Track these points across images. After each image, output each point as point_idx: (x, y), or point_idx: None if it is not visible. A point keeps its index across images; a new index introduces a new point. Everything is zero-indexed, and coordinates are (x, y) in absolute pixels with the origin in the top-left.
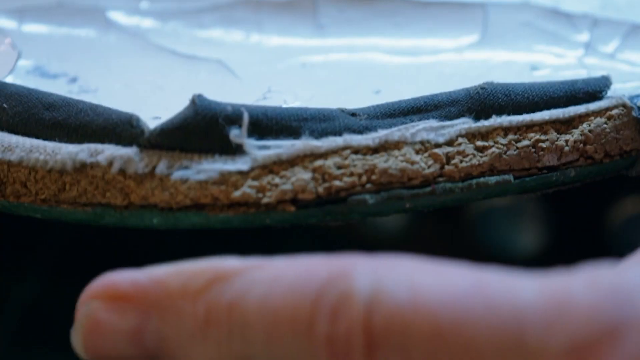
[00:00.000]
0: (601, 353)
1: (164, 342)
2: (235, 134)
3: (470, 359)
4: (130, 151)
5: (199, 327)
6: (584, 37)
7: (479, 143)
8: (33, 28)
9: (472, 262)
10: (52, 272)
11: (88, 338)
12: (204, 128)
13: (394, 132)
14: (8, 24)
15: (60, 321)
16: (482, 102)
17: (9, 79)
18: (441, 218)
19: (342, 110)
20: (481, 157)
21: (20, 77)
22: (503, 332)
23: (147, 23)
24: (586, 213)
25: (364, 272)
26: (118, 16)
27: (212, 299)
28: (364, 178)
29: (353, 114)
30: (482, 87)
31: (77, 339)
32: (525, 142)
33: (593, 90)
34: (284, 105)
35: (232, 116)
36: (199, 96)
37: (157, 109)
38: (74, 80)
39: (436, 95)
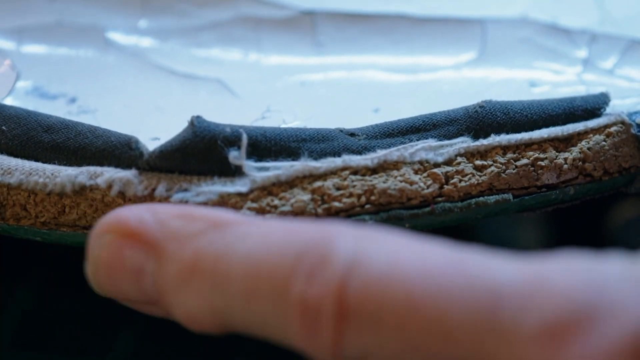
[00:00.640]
0: (574, 336)
1: (157, 285)
2: (235, 156)
3: (442, 335)
4: (129, 174)
5: (185, 275)
6: (582, 53)
7: (478, 162)
8: (32, 48)
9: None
10: (47, 284)
11: (101, 271)
12: (202, 150)
13: (393, 152)
14: (7, 44)
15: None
16: (481, 120)
17: (8, 100)
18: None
19: (341, 130)
20: (480, 176)
21: (20, 98)
22: (477, 309)
23: (145, 42)
24: (584, 217)
25: (346, 240)
26: (117, 36)
27: (201, 247)
28: (363, 199)
29: (352, 134)
30: (481, 106)
31: (91, 271)
32: (524, 161)
33: (592, 107)
34: (283, 125)
35: (231, 138)
36: (198, 117)
37: (156, 129)
38: (73, 100)
39: (435, 114)
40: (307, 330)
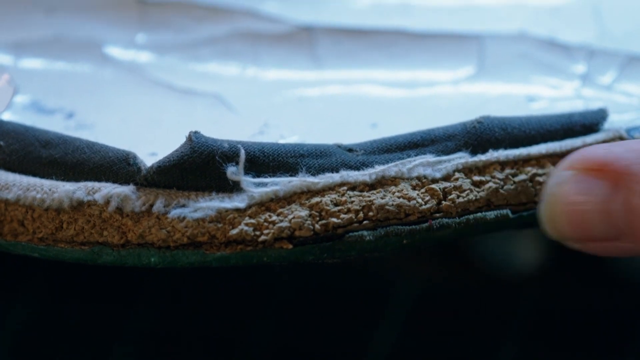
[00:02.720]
0: None
1: (632, 214)
2: (232, 172)
3: None
4: (127, 189)
5: None
6: (580, 68)
7: (476, 178)
8: (30, 63)
9: (469, 279)
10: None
11: (559, 209)
12: (200, 166)
13: (391, 168)
14: (4, 59)
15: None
16: (479, 136)
17: (6, 115)
18: None
19: (339, 146)
20: (478, 192)
21: (17, 112)
22: None
23: (143, 57)
24: None
25: None
26: (114, 50)
27: None
28: (361, 214)
29: (350, 149)
30: (479, 122)
31: (547, 212)
32: (523, 177)
33: (590, 122)
34: (281, 140)
35: (229, 153)
36: (195, 133)
37: (153, 144)
38: (70, 115)
39: (433, 129)
40: None
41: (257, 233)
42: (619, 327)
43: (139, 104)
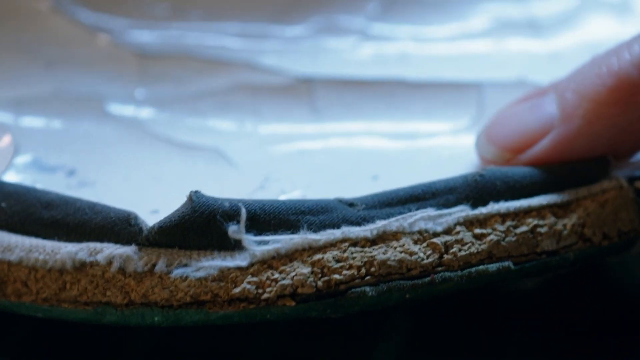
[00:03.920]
0: None
1: (563, 100)
2: (234, 230)
3: None
4: (129, 250)
5: None
6: None
7: (477, 231)
8: (30, 120)
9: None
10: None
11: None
12: (201, 225)
13: (392, 223)
14: (5, 116)
15: None
16: (480, 189)
17: (8, 175)
18: None
19: (340, 201)
20: (480, 244)
21: (19, 171)
22: None
23: (143, 112)
24: None
25: None
26: (114, 106)
27: None
28: (363, 270)
29: (351, 204)
30: (480, 174)
31: (481, 141)
32: (524, 228)
33: (591, 171)
34: (282, 195)
35: (230, 212)
36: (196, 192)
37: (155, 201)
38: (72, 172)
39: (434, 182)
40: None
41: (260, 291)
42: None
43: (140, 159)
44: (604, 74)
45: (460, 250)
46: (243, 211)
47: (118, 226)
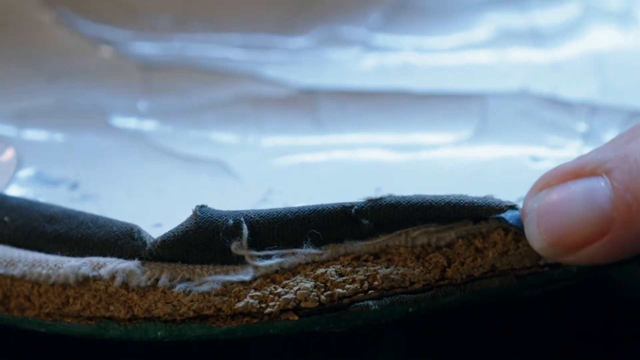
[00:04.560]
0: None
1: (617, 195)
2: (237, 246)
3: None
4: (132, 264)
5: None
6: (582, 126)
7: (480, 244)
8: (33, 133)
9: None
10: None
11: (545, 219)
12: (205, 240)
13: (394, 237)
14: (7, 130)
15: None
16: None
17: (11, 189)
18: None
19: (344, 206)
20: (482, 258)
21: (22, 185)
22: None
23: (146, 124)
24: None
25: None
26: (117, 118)
27: None
28: (366, 284)
29: (355, 217)
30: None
31: (532, 228)
32: (526, 241)
33: None
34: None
35: (233, 229)
36: (201, 208)
37: (158, 214)
38: (75, 186)
39: (437, 197)
40: None
41: (263, 305)
42: None
43: (143, 172)
44: None
45: (462, 263)
46: (245, 228)
47: (121, 240)
